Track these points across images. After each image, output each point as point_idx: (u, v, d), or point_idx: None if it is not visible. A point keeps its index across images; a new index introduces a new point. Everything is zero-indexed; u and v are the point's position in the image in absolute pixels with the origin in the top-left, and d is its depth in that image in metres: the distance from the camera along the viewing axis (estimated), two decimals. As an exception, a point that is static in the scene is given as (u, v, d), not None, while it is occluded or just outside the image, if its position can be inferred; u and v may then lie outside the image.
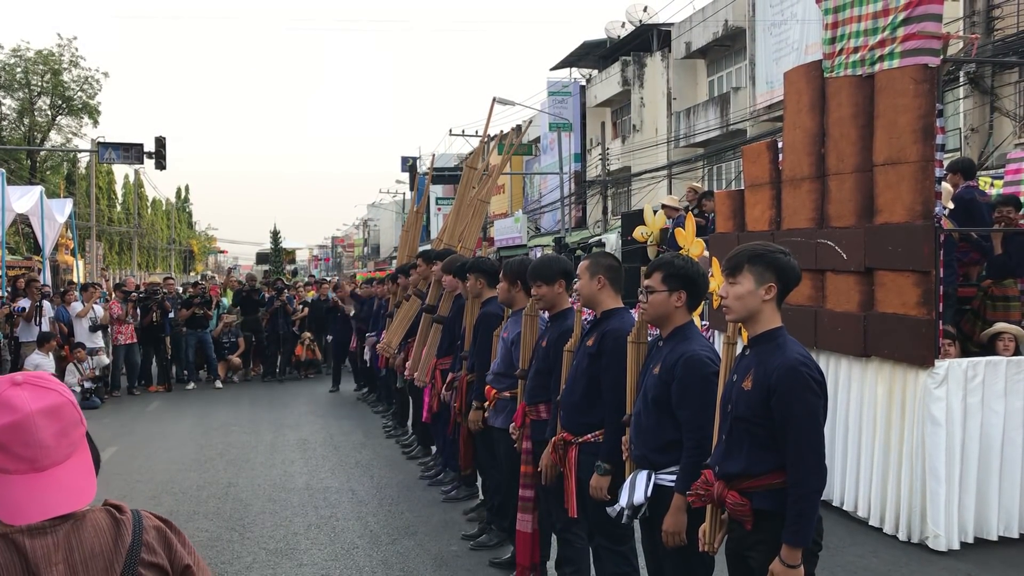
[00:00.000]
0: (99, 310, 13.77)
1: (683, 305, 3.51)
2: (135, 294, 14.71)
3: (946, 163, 7.16)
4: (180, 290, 17.01)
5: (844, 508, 6.44)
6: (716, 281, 7.82)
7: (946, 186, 6.86)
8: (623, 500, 3.54)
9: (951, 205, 7.26)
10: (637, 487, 3.47)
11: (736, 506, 2.95)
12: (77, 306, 13.57)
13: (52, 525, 1.57)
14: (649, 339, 3.82)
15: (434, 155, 27.71)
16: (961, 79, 15.85)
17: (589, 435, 4.03)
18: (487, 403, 5.36)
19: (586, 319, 4.41)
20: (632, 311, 4.29)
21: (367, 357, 11.90)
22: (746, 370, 3.01)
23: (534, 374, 4.68)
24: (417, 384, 7.16)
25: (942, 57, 6.07)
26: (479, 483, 6.75)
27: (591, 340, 4.06)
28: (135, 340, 14.23)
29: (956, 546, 5.72)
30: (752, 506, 2.93)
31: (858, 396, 6.38)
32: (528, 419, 4.70)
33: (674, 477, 3.37)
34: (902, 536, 5.86)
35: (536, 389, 4.64)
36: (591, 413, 4.01)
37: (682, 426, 3.35)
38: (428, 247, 10.54)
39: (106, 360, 13.62)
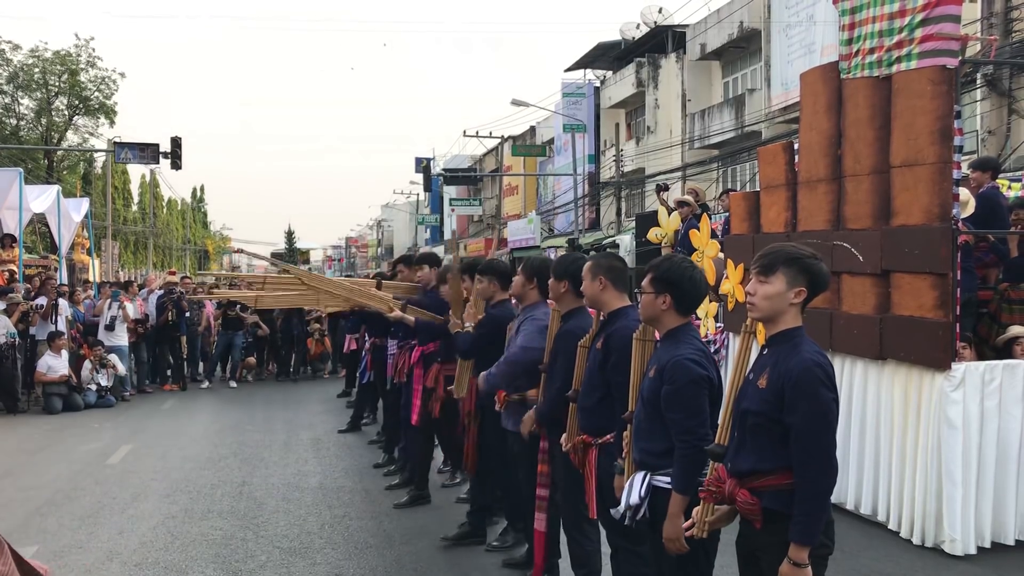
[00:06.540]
0: (128, 308, 13.86)
1: (669, 308, 3.47)
2: (141, 293, 14.77)
3: (965, 164, 7.09)
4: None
5: (859, 512, 6.40)
6: (732, 282, 7.82)
7: (963, 192, 6.76)
8: (624, 501, 3.53)
9: (968, 212, 7.14)
10: (634, 488, 3.48)
11: (746, 504, 2.94)
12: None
13: None
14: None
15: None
16: (978, 81, 15.74)
17: (609, 436, 4.02)
18: (498, 406, 5.32)
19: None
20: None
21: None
22: (762, 368, 2.99)
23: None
24: (456, 396, 6.67)
25: (960, 58, 6.02)
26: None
27: (599, 343, 4.06)
28: (136, 339, 14.27)
29: (972, 551, 5.67)
30: (762, 505, 2.92)
31: (874, 399, 6.34)
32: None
33: (669, 479, 3.35)
34: (917, 540, 5.81)
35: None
36: (607, 416, 4.00)
37: (671, 429, 3.33)
38: (440, 248, 10.24)
39: (123, 370, 13.63)
